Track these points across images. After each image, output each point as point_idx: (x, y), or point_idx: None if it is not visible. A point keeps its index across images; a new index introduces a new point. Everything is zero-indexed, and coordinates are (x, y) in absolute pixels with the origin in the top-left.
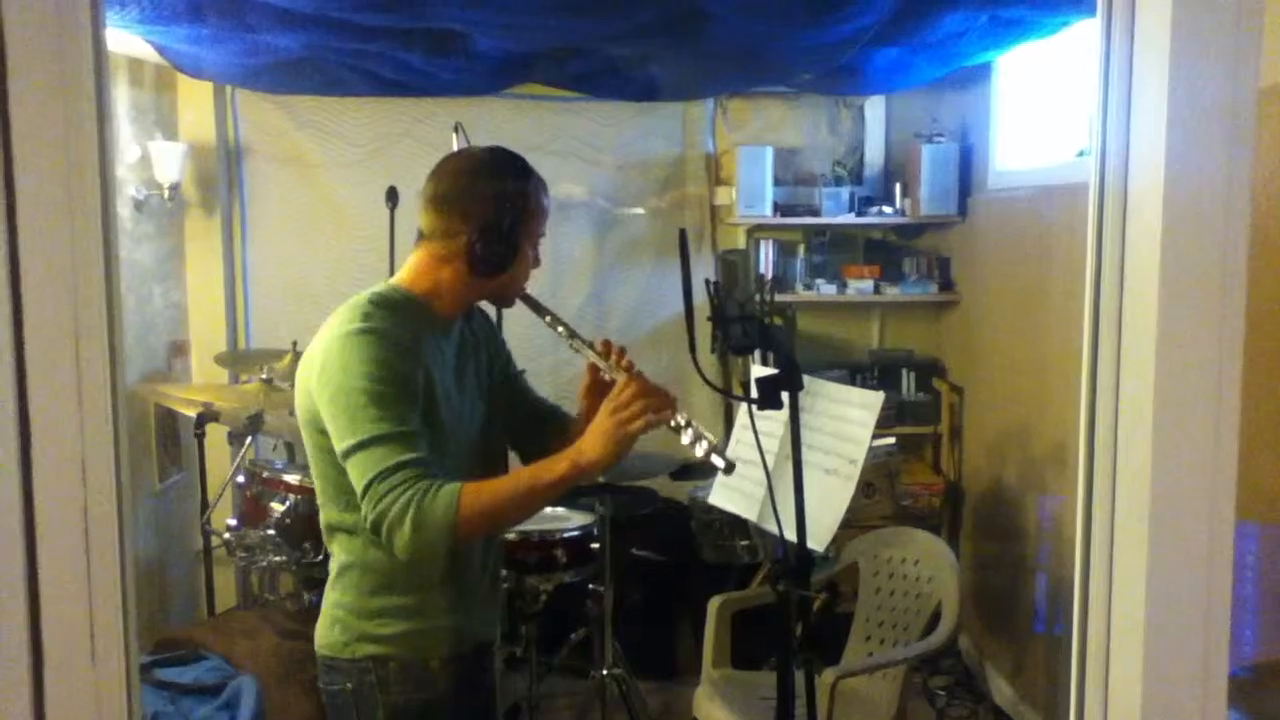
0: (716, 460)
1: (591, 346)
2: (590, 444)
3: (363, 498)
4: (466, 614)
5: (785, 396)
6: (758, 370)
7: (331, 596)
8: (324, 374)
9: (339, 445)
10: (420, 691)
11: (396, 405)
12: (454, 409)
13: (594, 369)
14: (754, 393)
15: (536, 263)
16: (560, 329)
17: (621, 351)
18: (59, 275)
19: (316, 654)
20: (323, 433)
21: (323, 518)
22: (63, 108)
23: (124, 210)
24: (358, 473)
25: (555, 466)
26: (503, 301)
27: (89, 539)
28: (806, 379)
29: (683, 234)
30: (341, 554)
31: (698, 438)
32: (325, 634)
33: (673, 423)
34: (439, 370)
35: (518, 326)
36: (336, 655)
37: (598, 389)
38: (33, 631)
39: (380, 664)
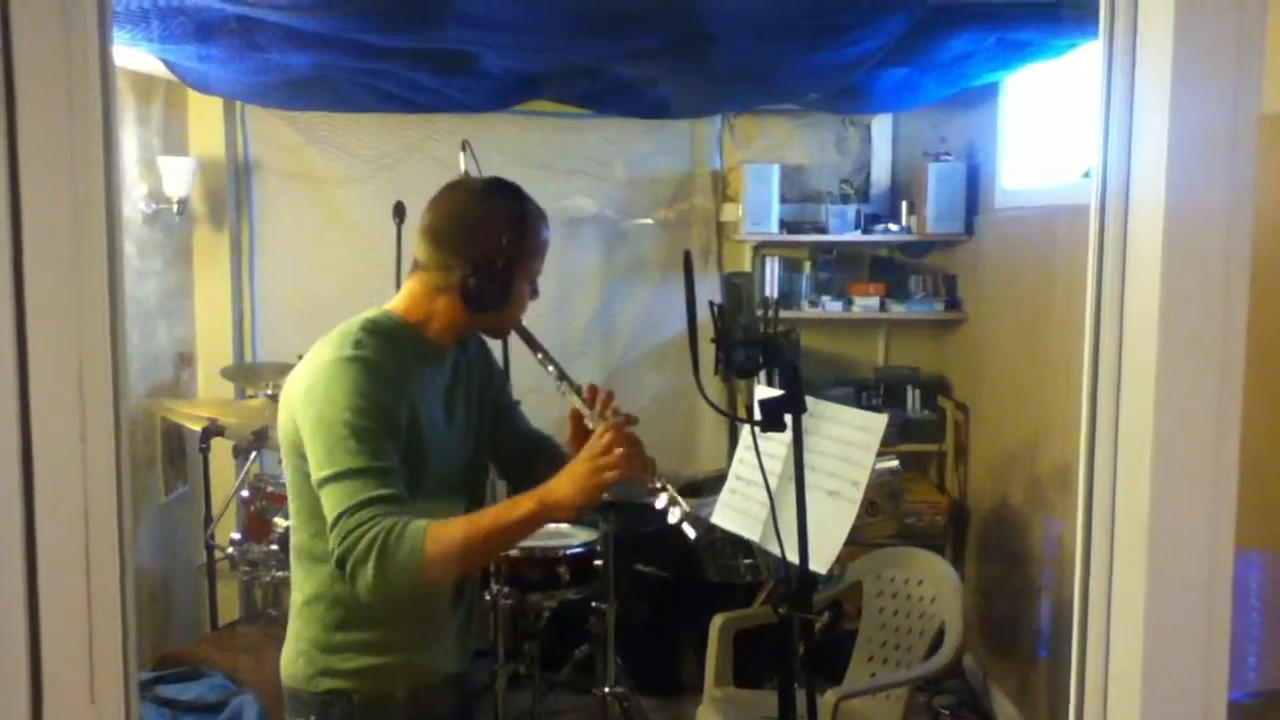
0: (687, 529)
1: (579, 392)
2: (561, 485)
3: (331, 531)
4: (434, 649)
5: (788, 418)
6: (761, 391)
7: (295, 627)
8: (309, 399)
9: (315, 473)
10: None
11: (376, 440)
12: (440, 439)
13: (578, 417)
14: (757, 414)
15: (534, 295)
16: (550, 368)
17: (609, 398)
18: (63, 293)
19: (282, 684)
20: (302, 456)
21: (293, 541)
22: (69, 126)
23: (133, 224)
24: (329, 505)
25: (521, 505)
26: (497, 334)
27: (89, 562)
28: (809, 400)
29: (688, 256)
30: (307, 584)
31: (672, 503)
32: (289, 665)
33: (650, 484)
34: (427, 400)
35: (518, 346)
36: (300, 688)
37: (582, 436)
38: (33, 668)
39: (343, 697)
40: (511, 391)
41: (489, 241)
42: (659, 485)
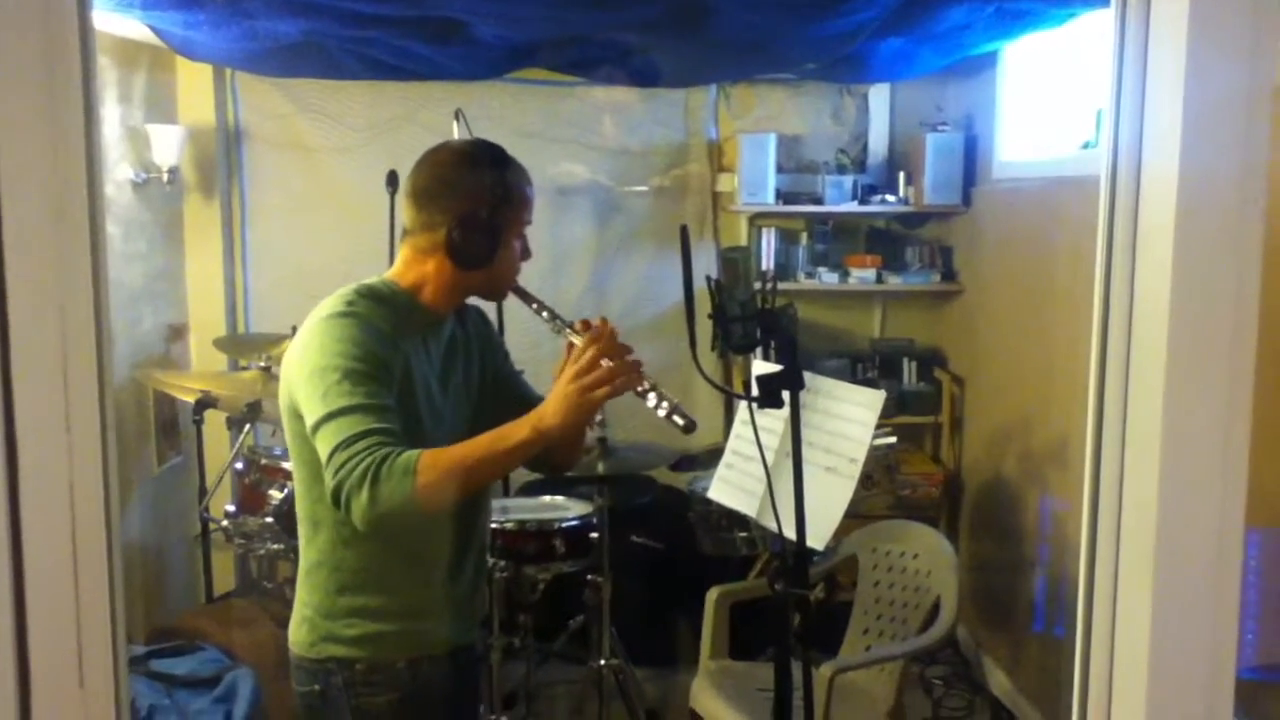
0: (677, 419)
1: (571, 326)
2: (552, 409)
3: (326, 467)
4: (438, 618)
5: (786, 395)
6: (759, 367)
7: (300, 594)
8: (303, 355)
9: (310, 420)
10: (387, 693)
11: (369, 382)
12: (434, 408)
13: (571, 349)
14: (755, 390)
15: (526, 255)
16: (544, 314)
17: (603, 321)
18: (44, 260)
19: (289, 652)
20: (300, 418)
21: (298, 508)
22: (48, 90)
23: (122, 194)
24: (324, 444)
25: (516, 431)
26: (493, 295)
27: (76, 546)
28: (807, 376)
29: (684, 230)
30: (310, 550)
31: (660, 400)
32: (294, 632)
33: (638, 389)
34: (421, 366)
35: (519, 317)
36: (304, 655)
37: None
38: (19, 653)
39: (345, 666)
40: (513, 362)
41: (471, 195)
42: (647, 387)
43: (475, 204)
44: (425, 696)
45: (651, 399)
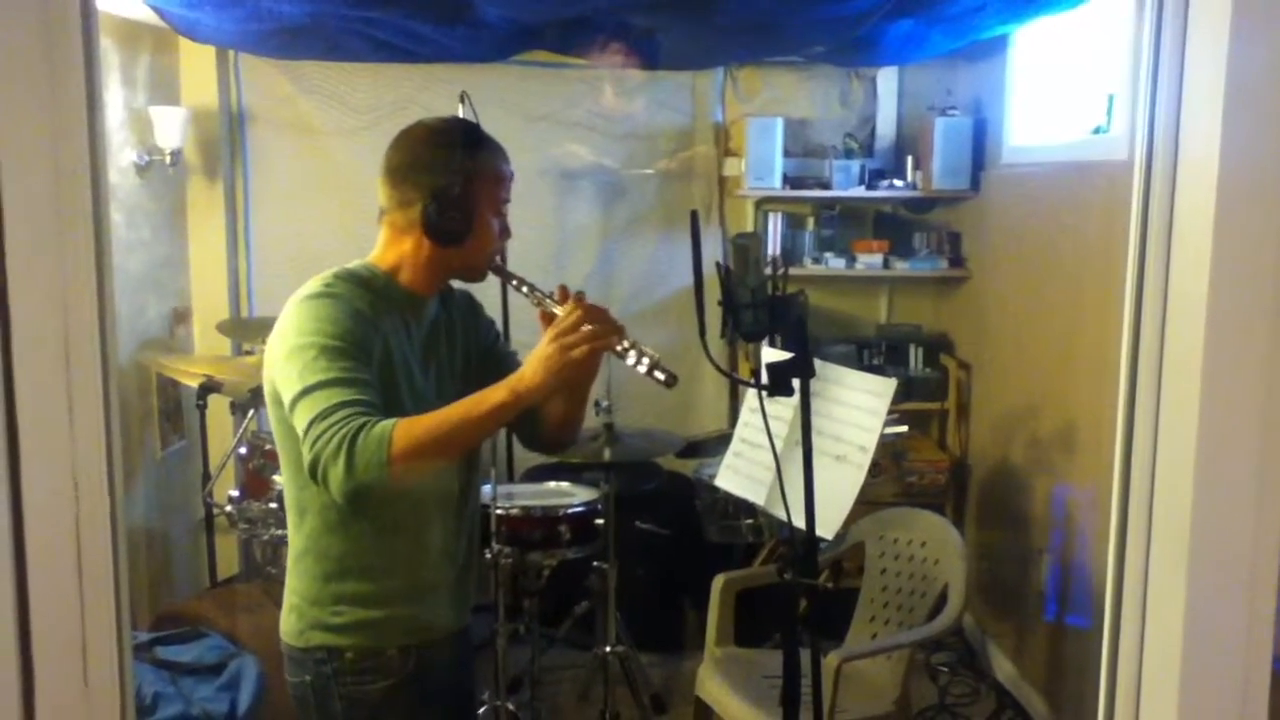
0: (659, 374)
1: (551, 296)
2: (531, 369)
3: (303, 441)
4: (428, 604)
5: (796, 383)
6: (769, 354)
7: (290, 583)
8: (281, 337)
9: (287, 397)
10: (378, 681)
11: (346, 358)
12: (415, 389)
13: (548, 320)
14: (764, 378)
15: (506, 234)
16: (525, 289)
17: (580, 295)
18: (47, 247)
19: (281, 643)
20: (282, 404)
21: (286, 496)
22: (50, 73)
23: (125, 176)
24: (301, 418)
25: (493, 395)
26: (472, 275)
27: (79, 534)
28: (817, 364)
29: (694, 216)
30: (298, 538)
31: (640, 356)
32: (284, 622)
33: (618, 348)
34: (402, 347)
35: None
36: (293, 644)
37: None
38: (22, 653)
39: (335, 654)
40: (507, 343)
41: (444, 170)
42: (626, 345)
43: (449, 180)
44: (417, 684)
45: (631, 357)
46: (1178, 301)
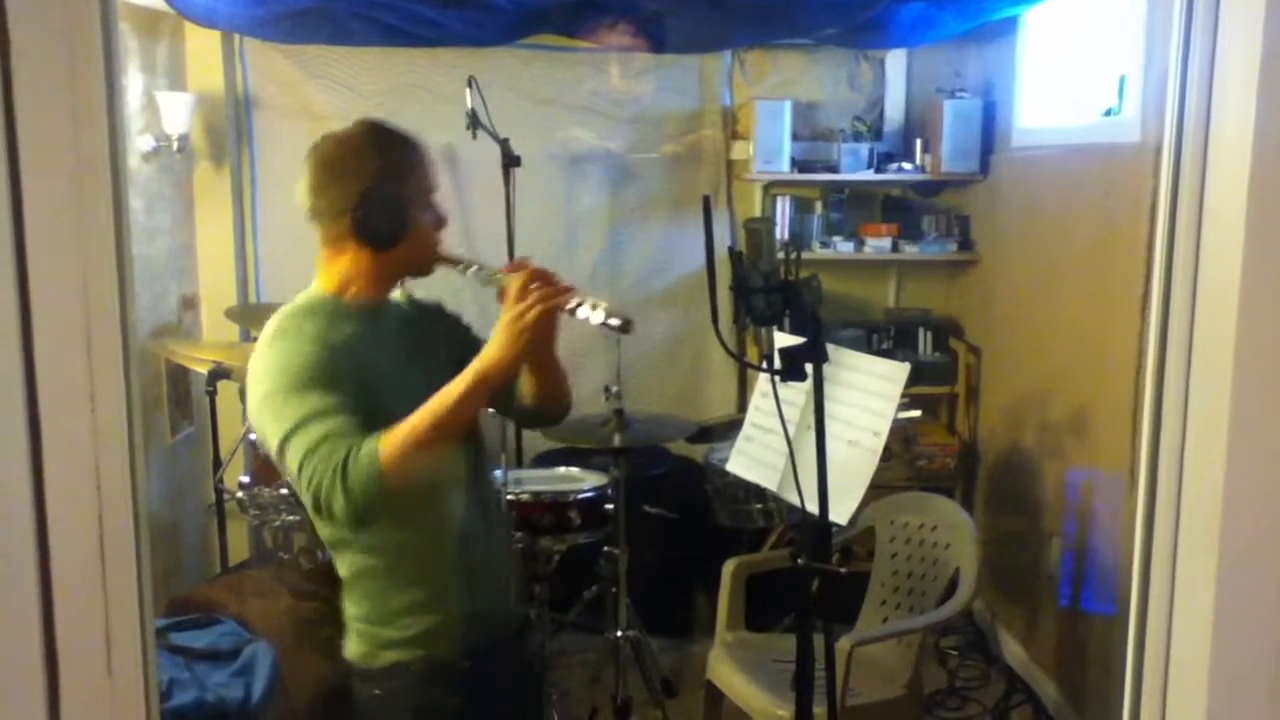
0: (613, 321)
1: (501, 271)
2: (491, 349)
3: (299, 482)
4: (482, 597)
5: (809, 368)
6: (781, 339)
7: (348, 609)
8: (252, 389)
9: (273, 447)
10: (455, 693)
11: (312, 388)
12: (401, 387)
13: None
14: (777, 362)
15: (441, 222)
16: (474, 269)
17: (524, 260)
18: (66, 232)
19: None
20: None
21: (319, 533)
22: (68, 55)
23: (132, 162)
24: (292, 462)
25: (460, 381)
26: (420, 271)
27: (103, 524)
28: (830, 348)
29: (706, 201)
30: (343, 568)
31: (593, 309)
32: (351, 649)
33: (569, 306)
34: (372, 354)
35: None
36: (364, 666)
37: None
38: (47, 642)
39: (402, 668)
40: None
41: (360, 172)
42: (576, 303)
43: (368, 181)
44: (490, 689)
45: (583, 311)
46: (1209, 284)
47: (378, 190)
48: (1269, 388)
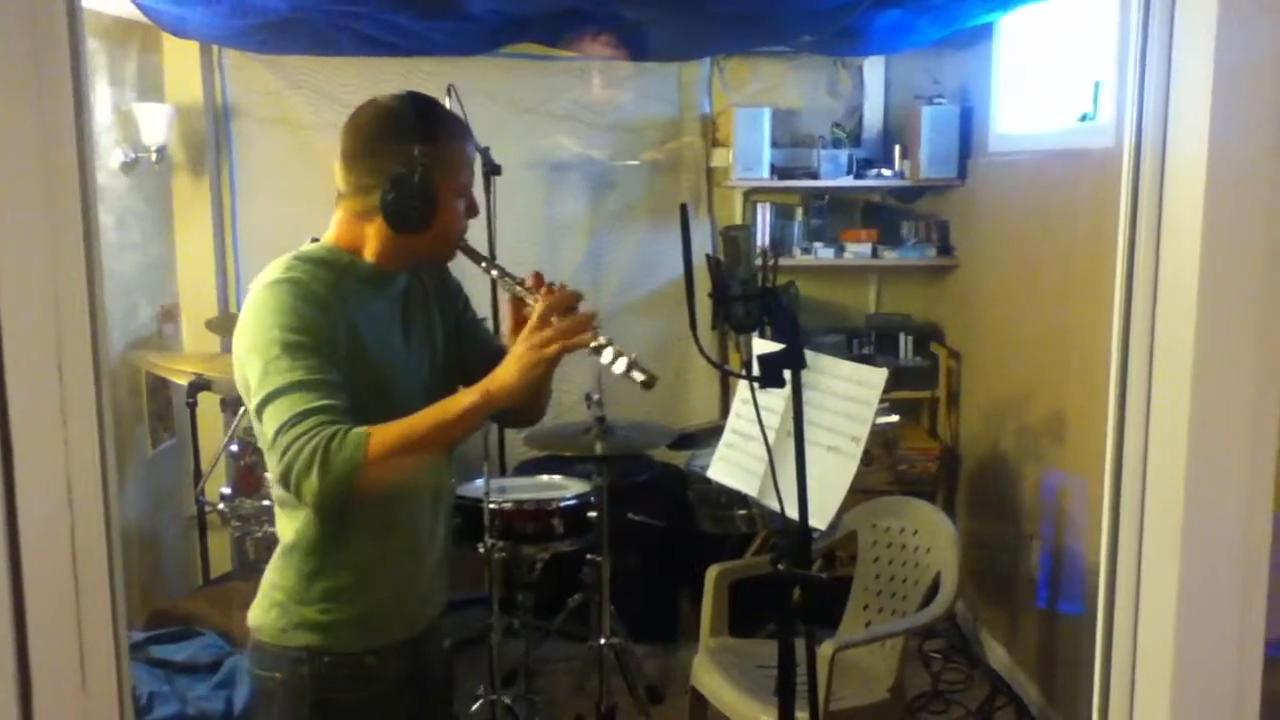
0: (636, 375)
1: (521, 283)
2: (504, 370)
3: (271, 450)
4: (411, 594)
5: (788, 374)
6: (760, 346)
7: (270, 577)
8: (242, 329)
9: (252, 402)
10: (357, 689)
11: (310, 355)
12: (396, 363)
13: (517, 305)
14: (756, 369)
15: (473, 212)
16: (494, 272)
17: (551, 287)
18: (37, 249)
19: (250, 635)
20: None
21: (273, 490)
22: (35, 66)
23: (109, 175)
24: (269, 425)
25: (465, 398)
26: (440, 258)
27: (74, 540)
28: (809, 355)
29: (684, 210)
30: (287, 531)
31: (616, 355)
32: (260, 615)
33: (592, 344)
34: (372, 324)
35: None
36: (270, 641)
37: (523, 324)
38: (19, 659)
39: (315, 656)
40: (474, 310)
41: (401, 154)
42: (603, 342)
43: (407, 164)
44: (391, 688)
45: (607, 355)
46: (1168, 288)
47: (412, 169)
48: (1227, 390)
